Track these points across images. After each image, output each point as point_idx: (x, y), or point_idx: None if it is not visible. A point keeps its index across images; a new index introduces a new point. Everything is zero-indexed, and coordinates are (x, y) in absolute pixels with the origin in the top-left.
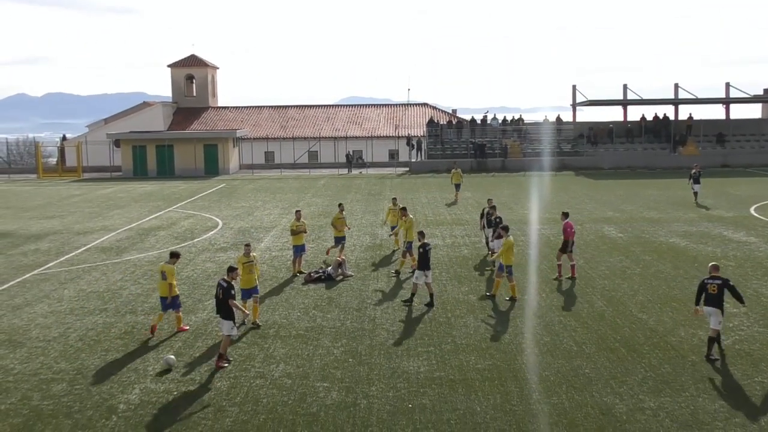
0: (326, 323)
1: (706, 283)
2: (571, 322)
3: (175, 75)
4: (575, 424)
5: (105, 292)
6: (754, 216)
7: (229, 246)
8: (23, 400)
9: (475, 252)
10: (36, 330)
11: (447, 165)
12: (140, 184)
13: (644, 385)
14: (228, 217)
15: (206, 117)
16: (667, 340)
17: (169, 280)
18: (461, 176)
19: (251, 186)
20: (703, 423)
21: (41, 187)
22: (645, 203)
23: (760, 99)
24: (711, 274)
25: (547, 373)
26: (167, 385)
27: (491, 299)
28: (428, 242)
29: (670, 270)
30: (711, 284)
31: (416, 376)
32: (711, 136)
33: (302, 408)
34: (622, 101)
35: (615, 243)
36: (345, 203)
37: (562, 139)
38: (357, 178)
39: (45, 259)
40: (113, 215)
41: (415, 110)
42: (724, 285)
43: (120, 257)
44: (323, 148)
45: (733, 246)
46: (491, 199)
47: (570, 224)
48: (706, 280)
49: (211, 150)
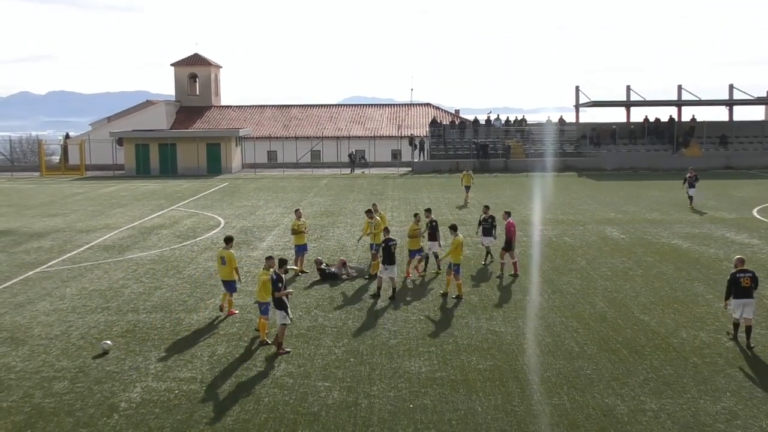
0: (328, 323)
1: (738, 277)
2: (572, 323)
3: (178, 74)
4: (576, 425)
5: (107, 290)
6: (756, 218)
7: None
8: (25, 398)
9: (477, 252)
10: (38, 328)
11: (449, 165)
12: (143, 183)
13: (646, 386)
14: (230, 216)
15: (209, 116)
16: (668, 342)
17: (233, 264)
18: (472, 178)
19: (253, 185)
20: (704, 425)
21: (44, 185)
22: (647, 204)
23: (763, 101)
24: (740, 267)
25: (548, 374)
26: (168, 384)
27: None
28: (393, 238)
29: (672, 271)
30: (744, 277)
31: (417, 376)
32: (714, 137)
33: (303, 407)
34: (625, 102)
35: (617, 244)
36: (347, 203)
37: (564, 140)
38: (359, 178)
39: (47, 257)
40: (116, 214)
41: (418, 110)
42: (754, 276)
43: (122, 255)
44: (326, 147)
45: (735, 248)
46: (488, 207)
47: (512, 223)
48: (738, 274)
49: (213, 149)
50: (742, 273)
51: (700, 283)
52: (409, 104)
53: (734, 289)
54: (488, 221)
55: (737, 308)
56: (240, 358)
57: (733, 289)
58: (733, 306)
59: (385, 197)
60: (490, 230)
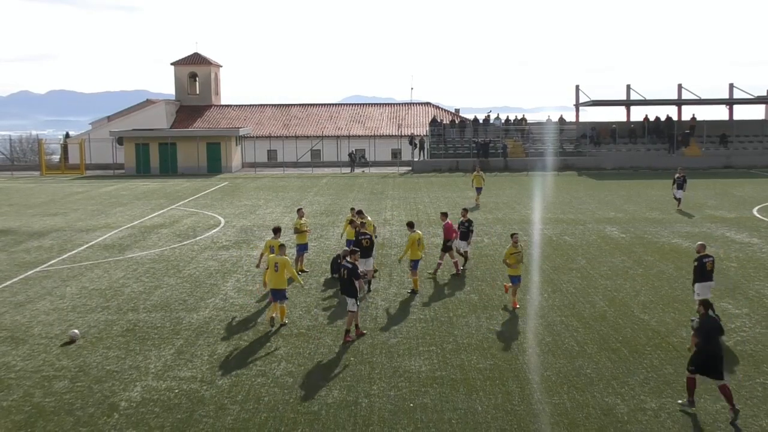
0: (328, 322)
1: (704, 261)
2: (572, 322)
3: (178, 73)
4: (576, 424)
5: (107, 289)
6: (756, 217)
7: (231, 244)
8: (25, 397)
9: (477, 251)
10: (38, 327)
11: (449, 165)
12: (143, 182)
13: (646, 385)
14: (230, 215)
15: (209, 115)
16: (668, 341)
17: (290, 272)
18: (483, 180)
19: (254, 184)
20: (704, 424)
21: (44, 184)
22: (647, 204)
23: (763, 100)
24: (702, 252)
25: (548, 373)
26: (169, 383)
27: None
28: (366, 232)
29: (672, 271)
30: (708, 261)
31: (418, 375)
32: (714, 136)
33: (303, 407)
34: (625, 101)
35: (617, 243)
36: (347, 202)
37: (564, 139)
38: (359, 177)
39: (47, 257)
40: (116, 213)
41: (418, 109)
42: (713, 260)
43: (122, 255)
44: (326, 146)
45: (735, 247)
46: (466, 210)
47: (449, 224)
48: (703, 258)
49: (213, 148)
50: (706, 257)
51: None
52: (409, 103)
53: (700, 272)
54: (465, 225)
55: (704, 291)
56: (240, 357)
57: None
58: (699, 289)
59: (385, 196)
60: (467, 234)
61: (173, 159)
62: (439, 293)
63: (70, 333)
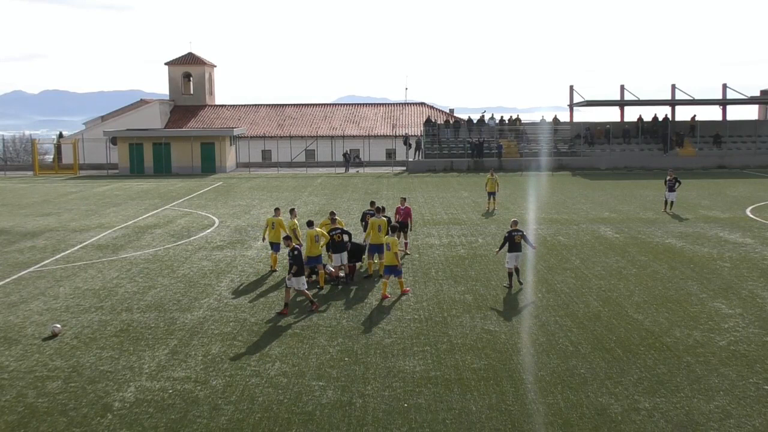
0: (322, 322)
1: (513, 234)
2: (566, 322)
3: (172, 73)
4: (570, 424)
5: (101, 289)
6: (749, 217)
7: (225, 244)
8: (18, 398)
9: (471, 251)
10: (31, 327)
11: (444, 165)
12: (137, 182)
13: (639, 385)
14: (224, 215)
15: (203, 115)
16: (662, 341)
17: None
18: (497, 184)
19: (248, 184)
20: (697, 424)
21: (37, 184)
22: (641, 204)
23: (756, 100)
24: (514, 227)
25: (542, 373)
26: (163, 383)
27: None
28: (337, 227)
29: (666, 271)
30: (516, 235)
31: (412, 375)
32: (708, 137)
33: (298, 407)
34: (619, 102)
35: (611, 243)
36: (342, 202)
37: (559, 139)
38: (354, 177)
39: (41, 257)
40: (109, 213)
41: (413, 109)
42: (524, 234)
43: (116, 255)
44: (320, 146)
45: (729, 247)
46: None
47: (399, 209)
48: (513, 232)
49: (208, 148)
50: (515, 231)
51: (694, 282)
52: (404, 103)
53: (509, 244)
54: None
55: (511, 260)
56: (234, 358)
57: (507, 244)
58: (507, 257)
59: (379, 196)
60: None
61: (167, 159)
62: (434, 293)
63: (51, 327)
